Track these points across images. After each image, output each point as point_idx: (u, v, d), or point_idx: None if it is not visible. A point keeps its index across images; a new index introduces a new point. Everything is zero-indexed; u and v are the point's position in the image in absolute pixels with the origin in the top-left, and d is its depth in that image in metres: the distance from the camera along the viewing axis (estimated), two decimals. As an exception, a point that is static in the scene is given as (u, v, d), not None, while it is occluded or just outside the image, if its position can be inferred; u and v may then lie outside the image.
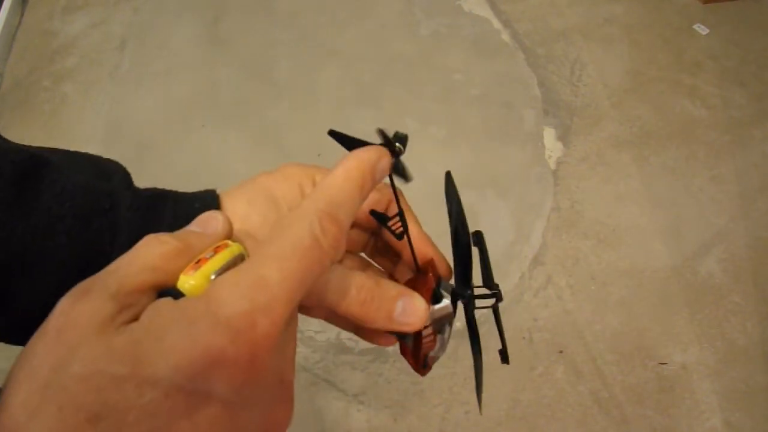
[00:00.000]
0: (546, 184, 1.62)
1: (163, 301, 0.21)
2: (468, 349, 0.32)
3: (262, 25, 2.04)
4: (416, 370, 0.33)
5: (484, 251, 0.32)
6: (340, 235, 0.24)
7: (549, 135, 1.72)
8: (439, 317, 0.31)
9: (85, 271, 0.25)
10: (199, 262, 0.23)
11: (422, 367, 0.32)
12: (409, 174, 0.29)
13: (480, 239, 0.32)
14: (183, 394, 0.19)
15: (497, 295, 0.31)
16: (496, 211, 1.57)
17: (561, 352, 1.35)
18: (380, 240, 0.35)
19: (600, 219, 1.55)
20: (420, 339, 0.31)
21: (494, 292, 0.31)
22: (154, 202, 0.29)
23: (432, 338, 0.31)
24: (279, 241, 0.22)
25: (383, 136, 0.28)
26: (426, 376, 0.33)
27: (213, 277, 0.22)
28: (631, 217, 1.55)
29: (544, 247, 1.51)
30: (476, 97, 1.81)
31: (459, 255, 0.31)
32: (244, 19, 2.06)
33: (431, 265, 0.33)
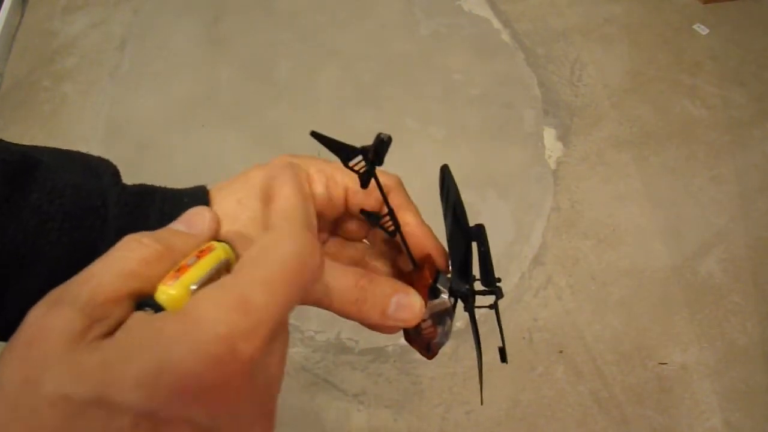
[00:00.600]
0: (546, 184, 1.62)
1: (138, 317, 0.19)
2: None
3: (262, 25, 2.04)
4: (422, 355, 0.33)
5: (485, 246, 0.32)
6: (316, 243, 0.23)
7: (549, 135, 1.72)
8: (437, 312, 0.31)
9: (78, 268, 0.25)
10: (180, 269, 0.21)
11: (427, 352, 0.32)
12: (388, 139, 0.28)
13: (481, 233, 0.32)
14: (153, 422, 0.18)
15: (496, 292, 0.31)
16: (496, 211, 1.57)
17: (561, 352, 1.35)
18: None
19: (600, 219, 1.55)
20: (420, 329, 0.31)
21: (493, 289, 0.31)
22: (142, 198, 0.29)
23: (432, 330, 0.31)
24: (265, 261, 0.21)
25: (360, 149, 0.27)
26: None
27: (194, 287, 0.21)
28: (631, 217, 1.55)
29: (544, 247, 1.51)
30: (476, 97, 1.81)
31: (456, 249, 0.31)
32: (244, 19, 2.06)
33: (429, 259, 0.32)
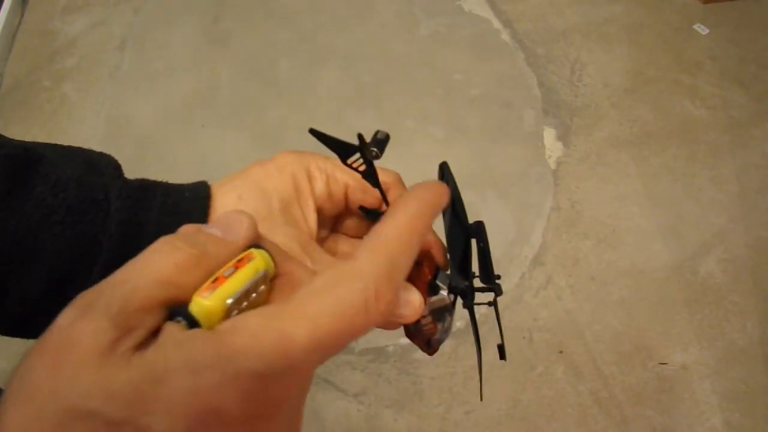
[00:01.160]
0: (546, 184, 1.62)
1: (172, 333, 0.19)
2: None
3: (262, 25, 2.04)
4: (423, 350, 0.33)
5: (485, 243, 0.32)
6: (395, 300, 0.21)
7: (549, 135, 1.72)
8: (437, 308, 0.31)
9: (81, 261, 0.26)
10: (216, 280, 0.20)
11: (427, 348, 0.32)
12: (385, 137, 0.28)
13: (480, 230, 0.32)
14: None
15: (496, 289, 0.31)
16: (496, 211, 1.57)
17: (561, 352, 1.35)
18: None
19: (600, 219, 1.55)
20: (420, 326, 0.31)
21: (492, 286, 0.31)
22: (144, 192, 0.29)
23: (432, 326, 0.31)
24: (321, 297, 0.19)
25: (360, 141, 0.27)
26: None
27: (230, 301, 0.20)
28: (631, 217, 1.55)
29: (544, 247, 1.51)
30: (476, 97, 1.81)
31: (455, 245, 0.31)
32: (244, 19, 2.06)
33: (428, 256, 0.32)
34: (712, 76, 1.81)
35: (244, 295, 0.20)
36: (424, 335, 0.32)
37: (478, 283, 0.31)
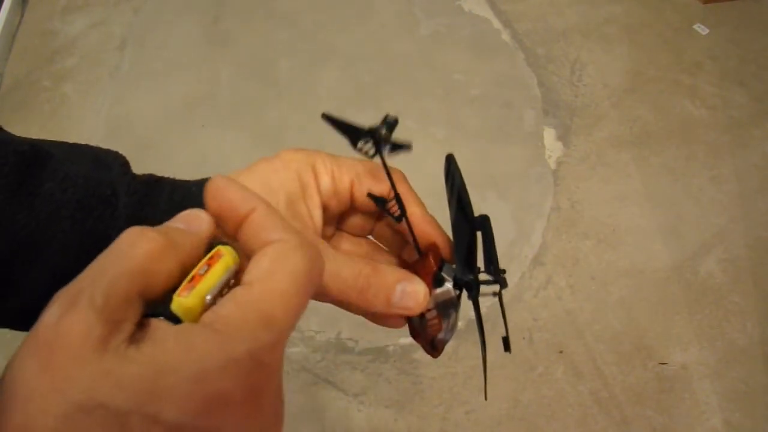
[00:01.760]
0: (546, 184, 1.62)
1: (165, 329, 0.20)
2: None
3: (262, 25, 2.04)
4: (427, 353, 0.33)
5: (490, 236, 0.32)
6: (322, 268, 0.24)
7: (549, 135, 1.72)
8: (442, 301, 0.31)
9: (89, 257, 0.26)
10: (193, 280, 0.21)
11: (432, 349, 0.32)
12: (406, 144, 0.29)
13: (485, 223, 0.32)
14: None
15: (501, 282, 0.31)
16: (496, 211, 1.57)
17: (561, 352, 1.35)
18: (386, 222, 0.35)
19: (600, 219, 1.55)
20: (425, 322, 0.31)
21: (497, 279, 0.31)
22: (151, 187, 0.29)
23: (437, 321, 0.31)
24: (280, 275, 0.22)
25: (369, 131, 0.28)
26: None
27: (209, 297, 0.21)
28: (631, 217, 1.55)
29: (544, 247, 1.51)
30: (476, 97, 1.81)
31: (460, 238, 0.31)
32: (244, 19, 2.06)
33: (433, 248, 0.32)
34: (712, 76, 1.81)
35: (220, 291, 0.22)
36: (429, 333, 0.31)
37: (483, 277, 0.31)
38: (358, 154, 0.30)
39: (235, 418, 0.19)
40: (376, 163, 0.31)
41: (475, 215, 0.32)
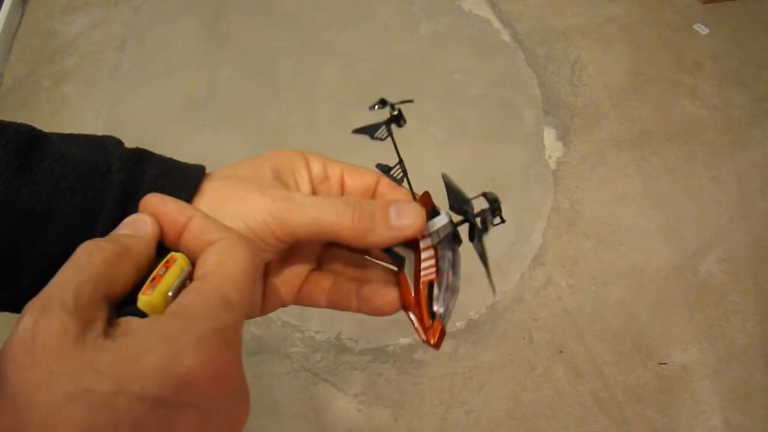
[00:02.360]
0: (546, 184, 1.62)
1: (135, 322, 0.22)
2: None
3: (262, 25, 2.04)
4: (424, 335, 0.30)
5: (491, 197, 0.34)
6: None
7: (549, 135, 1.72)
8: (437, 230, 0.31)
9: (90, 225, 0.27)
10: (154, 280, 0.24)
11: (430, 318, 0.30)
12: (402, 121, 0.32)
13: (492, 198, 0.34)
14: (168, 407, 0.20)
15: (496, 208, 0.32)
16: (496, 211, 1.57)
17: (561, 352, 1.35)
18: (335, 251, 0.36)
19: (600, 219, 1.55)
20: (419, 257, 0.31)
21: (494, 206, 0.32)
22: (142, 155, 0.31)
23: (433, 264, 0.31)
24: (229, 264, 0.24)
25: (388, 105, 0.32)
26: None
27: (170, 294, 0.24)
28: (631, 217, 1.55)
29: (544, 247, 1.51)
30: (476, 97, 1.81)
31: (454, 193, 0.33)
32: (244, 19, 2.06)
33: (427, 195, 0.33)
34: (712, 76, 1.81)
35: (179, 288, 0.24)
36: (422, 278, 0.30)
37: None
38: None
39: (208, 391, 0.21)
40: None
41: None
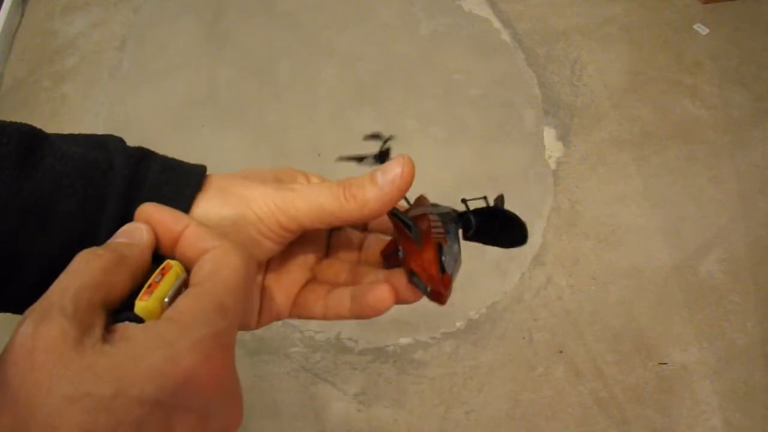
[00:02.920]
0: (546, 184, 1.62)
1: (132, 327, 0.22)
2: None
3: (262, 25, 2.04)
4: (433, 291, 0.31)
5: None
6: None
7: (549, 135, 1.72)
8: (441, 213, 0.32)
9: (91, 221, 0.28)
10: (151, 286, 0.24)
11: (440, 272, 0.31)
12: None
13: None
14: (165, 409, 0.21)
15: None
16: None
17: (561, 352, 1.35)
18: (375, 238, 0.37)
19: (600, 219, 1.55)
20: (427, 225, 0.31)
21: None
22: (145, 152, 0.31)
23: (442, 229, 0.32)
24: (224, 271, 0.25)
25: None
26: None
27: (166, 300, 0.24)
28: (631, 217, 1.55)
29: (544, 247, 1.51)
30: (476, 97, 1.81)
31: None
32: (244, 19, 2.06)
33: (423, 198, 0.34)
34: (712, 76, 1.81)
35: (175, 295, 0.25)
36: (432, 236, 0.31)
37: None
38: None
39: (205, 394, 0.22)
40: None
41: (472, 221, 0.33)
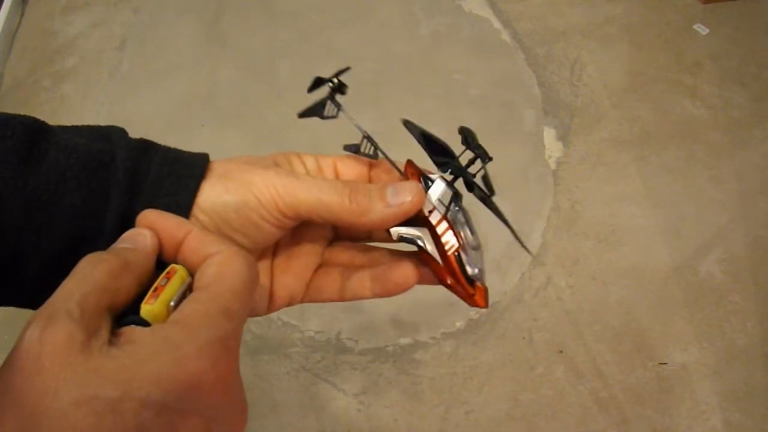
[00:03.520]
0: (546, 184, 1.62)
1: (138, 329, 0.23)
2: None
3: (262, 25, 2.04)
4: (470, 299, 0.30)
5: (471, 135, 0.33)
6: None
7: (549, 135, 1.72)
8: (439, 198, 0.31)
9: (94, 215, 0.28)
10: (156, 290, 0.25)
11: (470, 285, 0.31)
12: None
13: (465, 131, 0.33)
14: (172, 413, 0.21)
15: (482, 156, 0.32)
16: (496, 211, 1.57)
17: (561, 352, 1.35)
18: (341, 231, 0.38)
19: (600, 219, 1.55)
20: (435, 233, 0.30)
21: (478, 153, 0.32)
22: (147, 144, 0.32)
23: (451, 232, 0.31)
24: (228, 276, 0.25)
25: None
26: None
27: (172, 303, 0.25)
28: (631, 217, 1.55)
29: (544, 247, 1.51)
30: (476, 97, 1.81)
31: (430, 143, 0.33)
32: (244, 19, 2.06)
33: (411, 164, 0.34)
34: (712, 76, 1.81)
35: (180, 298, 0.25)
36: (447, 251, 0.30)
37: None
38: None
39: (211, 397, 0.22)
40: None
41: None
